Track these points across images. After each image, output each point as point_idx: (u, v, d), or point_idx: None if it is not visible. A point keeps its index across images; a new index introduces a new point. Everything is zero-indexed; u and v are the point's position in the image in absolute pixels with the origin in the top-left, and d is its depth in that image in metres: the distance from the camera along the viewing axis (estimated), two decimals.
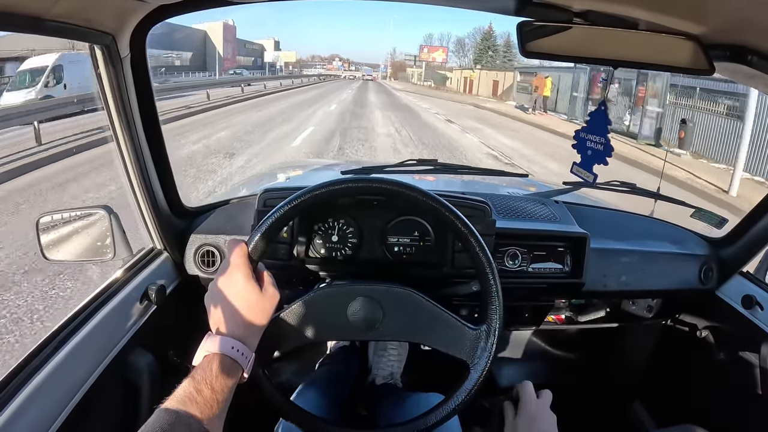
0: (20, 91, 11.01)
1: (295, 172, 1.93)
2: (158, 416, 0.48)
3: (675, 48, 0.79)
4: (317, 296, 0.71)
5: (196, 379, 0.52)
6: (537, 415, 0.73)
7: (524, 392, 0.76)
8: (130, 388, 0.88)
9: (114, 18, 0.77)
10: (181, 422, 0.47)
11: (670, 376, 1.33)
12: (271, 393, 0.68)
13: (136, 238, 1.01)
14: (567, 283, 1.04)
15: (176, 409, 0.48)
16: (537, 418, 0.73)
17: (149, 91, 0.90)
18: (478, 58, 50.27)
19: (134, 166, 0.90)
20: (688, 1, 0.70)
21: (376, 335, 0.72)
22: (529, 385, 0.77)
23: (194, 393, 0.50)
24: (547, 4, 0.77)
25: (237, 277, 0.59)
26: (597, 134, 0.90)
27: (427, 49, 58.57)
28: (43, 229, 0.95)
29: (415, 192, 0.68)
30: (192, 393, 0.50)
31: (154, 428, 0.46)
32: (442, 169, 1.22)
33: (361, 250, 0.93)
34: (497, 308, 0.67)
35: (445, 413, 0.67)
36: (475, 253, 0.68)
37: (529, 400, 0.75)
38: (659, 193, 1.14)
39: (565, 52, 0.80)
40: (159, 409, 0.49)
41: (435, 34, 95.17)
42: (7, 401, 0.63)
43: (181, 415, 0.48)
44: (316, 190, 0.67)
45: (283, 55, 67.27)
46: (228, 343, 0.56)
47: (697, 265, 1.15)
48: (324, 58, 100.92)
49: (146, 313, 0.94)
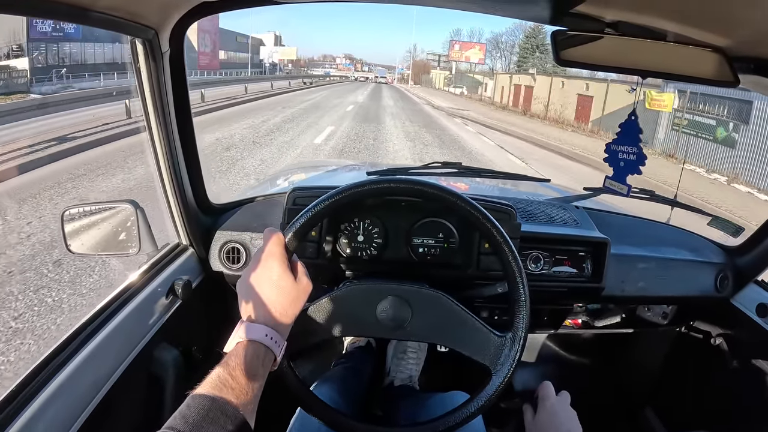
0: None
1: (318, 171, 1.93)
2: (193, 401, 0.47)
3: (701, 60, 0.82)
4: (348, 292, 0.72)
5: (230, 365, 0.51)
6: (558, 411, 0.75)
7: (545, 391, 0.77)
8: (155, 382, 0.88)
9: (158, 13, 0.78)
10: (216, 407, 0.46)
11: (682, 383, 1.34)
12: (294, 384, 0.68)
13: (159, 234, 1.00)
14: (587, 288, 1.05)
15: (212, 395, 0.47)
16: (558, 413, 0.75)
17: (185, 88, 0.91)
18: (522, 59, 37.96)
19: (166, 160, 0.91)
20: (714, 14, 0.73)
21: (403, 335, 0.72)
22: (549, 386, 0.78)
23: (229, 379, 0.49)
24: (580, 15, 0.80)
25: (272, 265, 0.59)
26: (629, 144, 0.92)
27: (459, 46, 43.66)
28: (68, 221, 0.94)
29: (453, 196, 0.70)
30: (227, 379, 0.49)
31: (190, 413, 0.45)
32: (465, 172, 1.24)
33: (386, 250, 0.94)
34: (524, 317, 0.68)
35: (465, 416, 0.68)
36: (507, 260, 0.69)
37: (550, 396, 0.77)
38: (677, 201, 1.16)
39: (597, 61, 0.83)
40: (193, 395, 0.48)
41: (464, 29, 72.83)
42: (34, 395, 0.63)
43: (216, 400, 0.47)
44: (356, 187, 0.68)
45: (282, 52, 57.63)
46: (262, 330, 0.55)
47: (713, 273, 1.17)
48: (335, 59, 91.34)
49: (171, 308, 0.93)
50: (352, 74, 66.57)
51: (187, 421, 0.45)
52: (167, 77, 0.85)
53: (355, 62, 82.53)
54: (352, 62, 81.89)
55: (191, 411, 0.46)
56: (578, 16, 0.80)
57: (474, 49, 42.26)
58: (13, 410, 0.60)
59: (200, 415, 0.45)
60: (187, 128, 0.93)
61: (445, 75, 47.60)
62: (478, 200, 0.80)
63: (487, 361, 0.69)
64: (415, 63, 66.81)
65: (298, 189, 0.95)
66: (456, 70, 45.13)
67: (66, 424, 0.66)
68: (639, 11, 0.77)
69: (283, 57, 58.53)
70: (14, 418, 0.59)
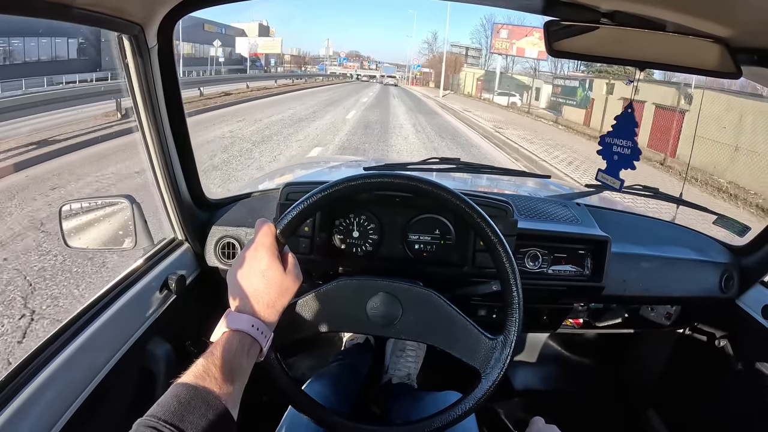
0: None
1: (316, 168, 1.94)
2: (176, 390, 0.47)
3: (702, 50, 0.79)
4: (338, 287, 0.71)
5: (214, 355, 0.51)
6: None
7: (534, 427, 0.73)
8: (146, 376, 0.89)
9: (143, 8, 0.77)
10: (198, 397, 0.46)
11: (685, 385, 1.31)
12: (281, 378, 0.68)
13: (155, 229, 1.02)
14: (587, 287, 1.03)
15: (194, 384, 0.47)
16: None
17: (175, 83, 0.91)
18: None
19: (159, 156, 0.91)
20: (716, 3, 0.70)
21: (393, 332, 0.71)
22: (539, 421, 0.74)
23: (212, 368, 0.49)
24: (574, 4, 0.77)
25: (262, 255, 0.58)
26: (624, 138, 0.89)
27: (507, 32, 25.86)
28: (65, 216, 0.96)
29: (444, 192, 0.68)
30: (210, 368, 0.49)
31: (172, 402, 0.46)
32: (464, 168, 1.22)
33: (381, 247, 0.93)
34: (516, 320, 0.67)
35: (451, 418, 0.67)
36: (500, 259, 0.67)
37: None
38: (682, 199, 1.12)
39: (592, 52, 0.80)
40: (176, 384, 0.48)
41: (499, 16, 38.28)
42: (25, 383, 0.64)
43: (199, 389, 0.47)
44: (349, 181, 0.67)
45: (263, 45, 43.24)
46: (248, 320, 0.55)
47: (718, 273, 1.13)
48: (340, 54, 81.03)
49: (165, 302, 0.94)
50: (355, 72, 58.11)
51: (168, 410, 0.45)
52: (155, 72, 0.85)
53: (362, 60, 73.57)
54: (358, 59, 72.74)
55: (173, 400, 0.46)
56: (572, 5, 0.78)
57: (532, 37, 24.53)
58: (3, 398, 0.61)
59: (182, 404, 0.46)
60: (179, 123, 0.93)
61: (478, 75, 32.20)
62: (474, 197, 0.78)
63: (477, 364, 0.68)
64: (435, 60, 46.04)
65: (291, 184, 0.94)
66: (490, 68, 32.07)
67: (57, 414, 0.67)
68: (636, 1, 0.75)
69: (264, 50, 44.64)
70: (4, 406, 0.60)
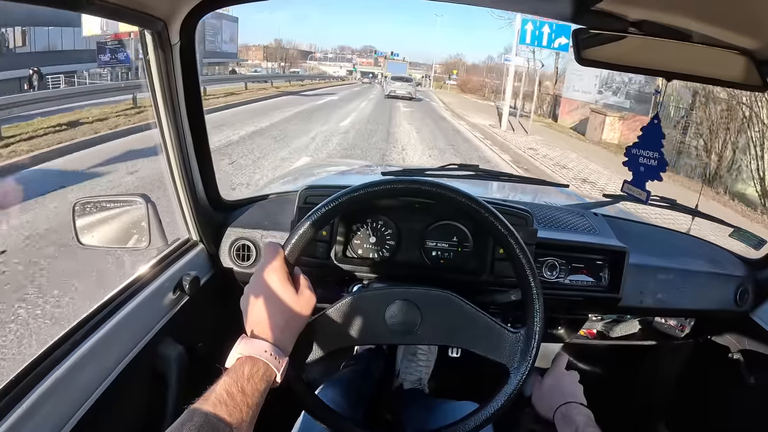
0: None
1: (332, 170, 1.92)
2: (187, 416, 0.48)
3: (728, 62, 0.79)
4: (355, 300, 0.69)
5: (228, 382, 0.52)
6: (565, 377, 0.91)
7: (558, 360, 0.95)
8: (157, 378, 0.87)
9: (167, 3, 0.77)
10: (209, 424, 0.47)
11: (697, 399, 1.29)
12: (303, 394, 0.67)
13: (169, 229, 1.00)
14: (603, 297, 1.02)
15: (206, 411, 0.48)
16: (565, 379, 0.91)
17: (196, 81, 0.90)
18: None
19: (176, 154, 0.90)
20: (742, 15, 0.70)
21: (415, 339, 0.70)
22: (564, 356, 0.96)
23: (225, 396, 0.50)
24: (603, 12, 0.77)
25: (273, 280, 0.59)
26: (651, 149, 0.89)
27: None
28: (79, 213, 0.95)
29: (469, 200, 0.68)
30: (223, 395, 0.50)
31: (182, 429, 0.46)
32: (483, 175, 1.21)
33: (398, 253, 0.92)
34: (538, 311, 0.66)
35: (483, 419, 0.66)
36: (521, 268, 0.67)
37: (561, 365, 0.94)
38: (698, 210, 1.12)
39: (620, 61, 0.80)
40: (189, 410, 0.49)
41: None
42: (37, 383, 0.63)
43: (210, 417, 0.48)
44: (366, 188, 0.66)
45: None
46: (261, 346, 0.55)
47: (734, 286, 1.12)
48: (355, 51, 72.70)
49: (178, 303, 0.93)
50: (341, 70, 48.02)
51: None
52: (177, 70, 0.84)
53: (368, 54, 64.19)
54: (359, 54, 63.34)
55: (184, 428, 0.46)
56: (600, 13, 0.78)
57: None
58: (13, 398, 0.60)
59: (192, 431, 0.46)
60: (198, 123, 0.92)
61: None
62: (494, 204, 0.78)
63: (504, 359, 0.67)
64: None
65: (311, 188, 0.93)
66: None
67: (67, 415, 0.65)
68: (664, 10, 0.75)
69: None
70: (15, 405, 0.59)
